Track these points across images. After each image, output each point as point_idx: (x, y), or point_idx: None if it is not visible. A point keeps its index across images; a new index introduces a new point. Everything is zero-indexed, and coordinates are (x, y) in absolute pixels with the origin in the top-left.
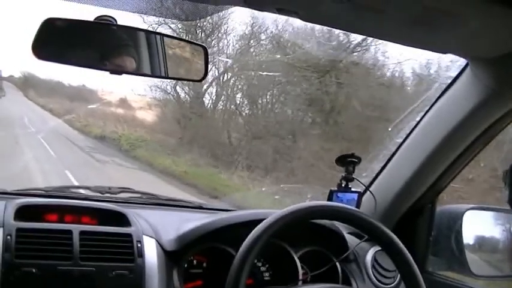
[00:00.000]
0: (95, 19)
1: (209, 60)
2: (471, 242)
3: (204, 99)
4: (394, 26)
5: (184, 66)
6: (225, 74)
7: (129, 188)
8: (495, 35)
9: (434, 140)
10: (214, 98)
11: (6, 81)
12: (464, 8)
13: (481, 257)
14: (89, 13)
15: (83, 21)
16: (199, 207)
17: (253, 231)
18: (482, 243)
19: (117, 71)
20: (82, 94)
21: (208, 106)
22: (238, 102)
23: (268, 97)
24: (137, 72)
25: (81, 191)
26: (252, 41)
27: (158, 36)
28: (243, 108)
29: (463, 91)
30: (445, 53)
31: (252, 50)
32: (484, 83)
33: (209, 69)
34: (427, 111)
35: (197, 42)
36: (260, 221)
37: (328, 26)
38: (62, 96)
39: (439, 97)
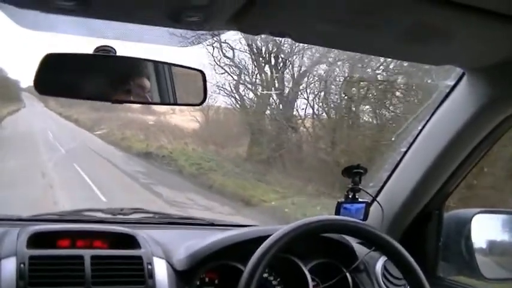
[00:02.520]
0: (94, 50)
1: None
2: (481, 245)
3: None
4: (386, 42)
5: (183, 91)
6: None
7: (141, 209)
8: (488, 45)
9: (436, 147)
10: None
11: (25, 92)
12: (454, 22)
13: (491, 260)
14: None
15: (82, 54)
16: (211, 224)
17: (260, 247)
18: (492, 246)
19: (118, 100)
20: (105, 103)
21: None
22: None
23: None
24: (136, 100)
25: (94, 213)
26: None
27: (154, 64)
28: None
29: (461, 99)
30: (440, 64)
31: None
32: (481, 91)
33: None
34: (428, 120)
35: (195, 68)
36: (268, 236)
37: (322, 46)
38: (84, 105)
39: (438, 106)
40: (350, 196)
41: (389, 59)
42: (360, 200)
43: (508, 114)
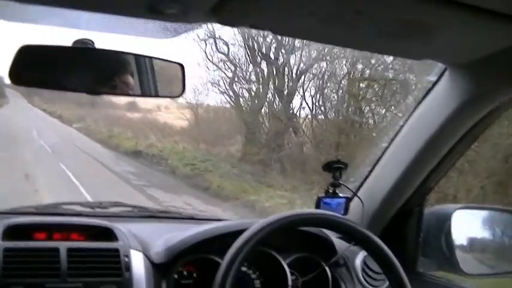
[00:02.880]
0: (73, 43)
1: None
2: (461, 241)
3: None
4: (367, 37)
5: (162, 83)
6: None
7: (120, 202)
8: (469, 41)
9: (417, 143)
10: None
11: (9, 88)
12: (436, 17)
13: (471, 256)
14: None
15: (59, 46)
16: (191, 218)
17: (237, 240)
18: (473, 242)
19: (97, 91)
20: (89, 98)
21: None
22: None
23: None
24: (115, 92)
25: (73, 207)
26: None
27: (134, 57)
28: None
29: (443, 94)
30: (421, 59)
31: None
32: (463, 87)
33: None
34: (409, 115)
35: (173, 60)
36: (246, 230)
37: (302, 39)
38: (68, 101)
39: (420, 101)
40: (330, 191)
41: None
42: (340, 195)
43: (489, 109)
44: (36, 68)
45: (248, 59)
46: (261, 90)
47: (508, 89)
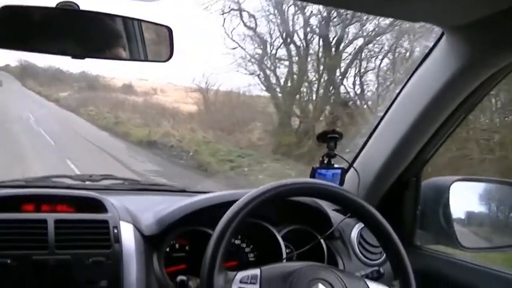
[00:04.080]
0: (57, 5)
1: None
2: (459, 214)
3: None
4: None
5: (148, 47)
6: None
7: (111, 175)
8: (466, 2)
9: (414, 111)
10: None
11: (2, 71)
12: None
13: (469, 229)
14: None
15: (42, 7)
16: (183, 191)
17: (228, 212)
18: (471, 215)
19: (82, 55)
20: (86, 81)
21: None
22: None
23: None
24: (100, 56)
25: (63, 180)
26: None
27: (121, 19)
28: None
29: (440, 60)
30: (417, 21)
31: None
32: (460, 51)
33: None
34: (406, 83)
35: (161, 23)
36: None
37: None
38: (65, 84)
39: (417, 68)
40: (325, 162)
41: None
42: (336, 166)
43: (487, 76)
44: (18, 29)
45: (281, 34)
46: (295, 71)
47: (506, 53)
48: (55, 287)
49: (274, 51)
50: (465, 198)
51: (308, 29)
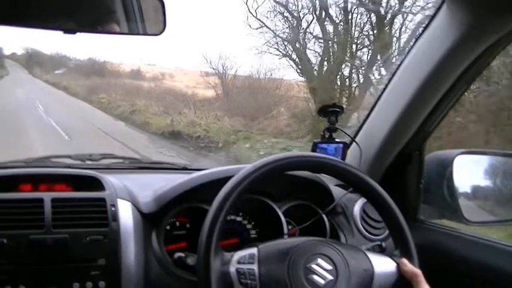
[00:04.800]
0: None
1: None
2: (463, 188)
3: None
4: None
5: (140, 21)
6: None
7: (110, 154)
8: None
9: (415, 83)
10: None
11: (8, 60)
12: None
13: (474, 203)
14: None
15: None
16: (184, 169)
17: (223, 188)
18: (475, 189)
19: (72, 29)
20: (94, 68)
21: None
22: None
23: None
24: (90, 30)
25: (62, 160)
26: None
27: None
28: None
29: (441, 30)
30: None
31: None
32: (461, 19)
33: None
34: (407, 54)
35: None
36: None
37: None
38: (71, 71)
39: (417, 38)
40: (326, 136)
41: None
42: (337, 140)
43: (489, 44)
44: (5, 3)
45: (314, 11)
46: (332, 51)
47: (507, 20)
48: (52, 266)
49: (307, 29)
50: (469, 172)
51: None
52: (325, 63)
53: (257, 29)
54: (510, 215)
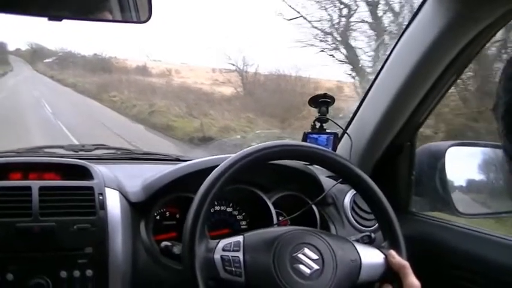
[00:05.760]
0: None
1: None
2: (455, 180)
3: None
4: None
5: (125, 7)
6: None
7: (103, 145)
8: None
9: (403, 73)
10: None
11: (12, 56)
12: None
13: (466, 195)
14: None
15: None
16: (177, 160)
17: (207, 178)
18: (467, 181)
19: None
20: (100, 64)
21: None
22: None
23: None
24: (75, 16)
25: (55, 150)
26: None
27: None
28: None
29: (428, 18)
30: None
31: None
32: (448, 6)
33: None
34: (395, 44)
35: None
36: None
37: None
38: (77, 67)
39: (405, 28)
40: (317, 127)
41: None
42: (327, 131)
43: (476, 31)
44: None
45: None
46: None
47: (493, 8)
48: (39, 254)
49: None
50: (461, 164)
51: None
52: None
53: (291, 19)
54: (502, 206)
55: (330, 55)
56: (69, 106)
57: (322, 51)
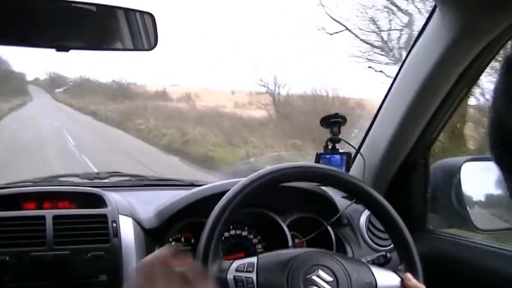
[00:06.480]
0: None
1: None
2: (472, 195)
3: None
4: None
5: (132, 36)
6: None
7: (118, 172)
8: None
9: (413, 89)
10: None
11: (31, 85)
12: None
13: (484, 210)
14: None
15: None
16: (191, 185)
17: (219, 202)
18: (484, 196)
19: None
20: (120, 90)
21: None
22: None
23: None
24: (83, 47)
25: (70, 179)
26: None
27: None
28: None
29: (435, 33)
30: None
31: None
32: (453, 23)
33: None
34: (404, 61)
35: (144, 10)
36: None
37: None
38: (97, 94)
39: (413, 44)
40: (329, 147)
41: None
42: (340, 151)
43: (484, 44)
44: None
45: None
46: None
47: (499, 20)
48: (54, 282)
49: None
50: (477, 179)
51: None
52: None
53: (334, 34)
54: None
55: (379, 71)
56: (92, 137)
57: (369, 67)
